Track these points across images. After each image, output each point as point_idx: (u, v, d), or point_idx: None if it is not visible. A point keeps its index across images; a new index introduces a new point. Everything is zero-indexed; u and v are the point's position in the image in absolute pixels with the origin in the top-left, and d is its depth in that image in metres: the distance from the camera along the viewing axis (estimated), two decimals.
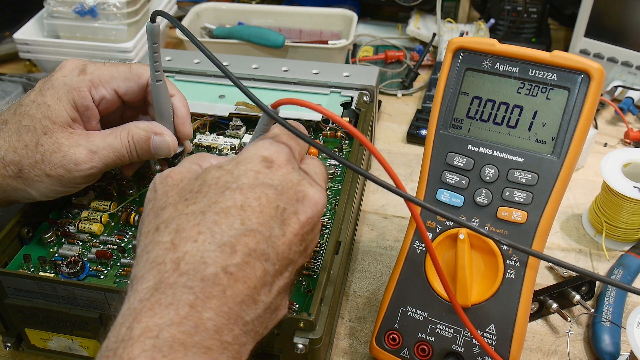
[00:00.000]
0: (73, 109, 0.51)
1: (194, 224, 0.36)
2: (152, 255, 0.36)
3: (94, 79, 0.52)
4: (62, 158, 0.50)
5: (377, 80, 0.71)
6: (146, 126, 0.53)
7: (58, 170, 0.50)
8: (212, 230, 0.36)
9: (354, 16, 0.96)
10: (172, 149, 0.55)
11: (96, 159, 0.51)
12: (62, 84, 0.51)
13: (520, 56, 0.47)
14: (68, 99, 0.50)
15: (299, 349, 0.46)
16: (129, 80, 0.54)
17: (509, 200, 0.48)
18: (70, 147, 0.50)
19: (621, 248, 0.67)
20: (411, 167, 0.80)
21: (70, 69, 0.52)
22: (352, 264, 0.66)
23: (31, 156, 0.49)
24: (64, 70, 0.52)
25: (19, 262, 0.54)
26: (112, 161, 0.52)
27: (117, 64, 0.54)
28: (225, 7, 1.01)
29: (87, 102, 0.51)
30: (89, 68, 0.52)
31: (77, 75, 0.51)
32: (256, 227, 0.37)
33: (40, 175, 0.50)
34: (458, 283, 0.48)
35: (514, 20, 0.98)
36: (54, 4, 0.90)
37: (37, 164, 0.49)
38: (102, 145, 0.51)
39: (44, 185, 0.51)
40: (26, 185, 0.50)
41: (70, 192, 0.54)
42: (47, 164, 0.50)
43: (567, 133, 0.46)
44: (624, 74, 0.89)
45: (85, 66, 0.52)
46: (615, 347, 0.55)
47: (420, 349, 0.51)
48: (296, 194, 0.39)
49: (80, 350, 0.53)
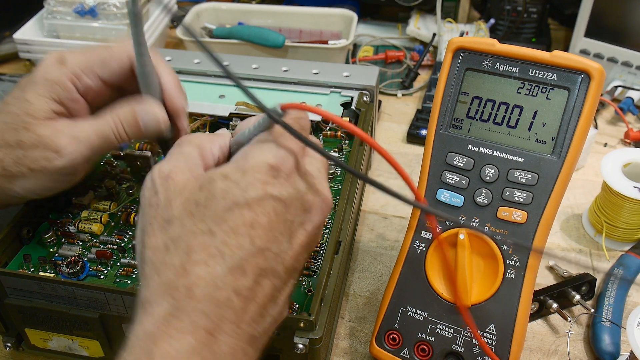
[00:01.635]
0: (57, 102, 0.49)
1: (204, 246, 0.36)
2: (164, 279, 0.36)
3: (74, 69, 0.50)
4: (43, 148, 0.48)
5: (377, 80, 0.71)
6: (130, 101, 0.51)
7: (41, 162, 0.48)
8: (222, 252, 0.36)
9: (354, 16, 0.96)
10: (162, 123, 0.51)
11: (79, 144, 0.49)
12: (42, 80, 0.49)
13: (520, 56, 0.47)
14: (50, 93, 0.49)
15: (299, 349, 0.46)
16: (110, 63, 0.51)
17: (509, 200, 0.48)
18: (51, 136, 0.48)
19: (621, 248, 0.67)
20: (411, 167, 0.80)
21: (50, 62, 0.50)
22: (352, 264, 0.66)
23: (13, 152, 0.48)
24: (43, 65, 0.50)
25: (19, 262, 0.54)
26: (98, 145, 0.50)
27: (96, 48, 0.51)
28: (225, 7, 1.01)
29: (72, 94, 0.50)
30: (67, 58, 0.50)
31: (57, 69, 0.50)
32: (265, 245, 0.37)
33: (23, 171, 0.49)
34: (458, 283, 0.48)
35: (514, 20, 0.98)
36: (54, 4, 0.90)
37: (19, 159, 0.48)
38: (85, 129, 0.49)
39: (29, 181, 0.49)
40: (11, 182, 0.49)
41: (60, 187, 0.52)
42: (29, 158, 0.48)
43: (567, 133, 0.46)
44: (624, 74, 0.89)
45: (63, 57, 0.50)
46: (615, 347, 0.55)
47: (420, 349, 0.51)
48: (303, 205, 0.39)
49: (80, 350, 0.53)
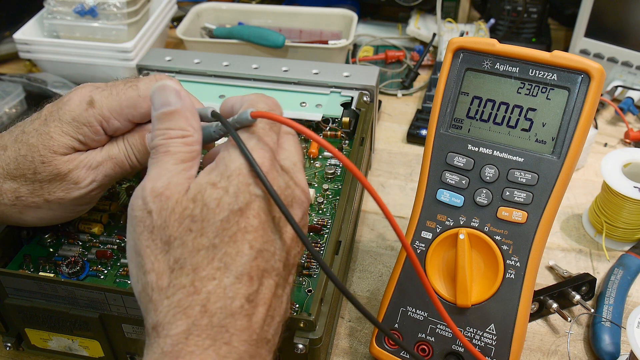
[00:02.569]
0: (80, 142, 0.49)
1: (208, 261, 0.36)
2: (175, 300, 0.36)
3: (104, 112, 0.49)
4: (61, 181, 0.49)
5: (377, 80, 0.71)
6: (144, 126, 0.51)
7: (58, 193, 0.49)
8: (226, 263, 0.36)
9: (354, 16, 0.96)
10: None
11: (95, 172, 0.49)
12: (70, 119, 0.48)
13: (520, 56, 0.47)
14: (77, 134, 0.48)
15: (299, 349, 0.46)
16: (140, 105, 0.49)
17: (509, 200, 0.48)
18: (71, 170, 0.48)
19: (621, 248, 0.67)
20: (411, 167, 0.80)
21: (78, 102, 0.49)
22: (352, 264, 0.66)
23: (29, 184, 0.48)
24: (72, 104, 0.49)
25: (19, 262, 0.54)
26: (112, 172, 0.50)
27: (125, 89, 0.50)
28: (225, 7, 1.01)
29: (99, 136, 0.49)
30: (96, 100, 0.49)
31: (85, 110, 0.48)
32: (262, 246, 0.37)
33: (38, 202, 0.49)
34: (458, 283, 0.48)
35: (514, 20, 0.98)
36: (54, 4, 0.90)
37: (35, 191, 0.49)
38: (100, 158, 0.50)
39: (41, 211, 0.50)
40: (22, 213, 0.50)
41: (72, 217, 0.52)
42: (46, 190, 0.49)
43: (567, 133, 0.46)
44: (624, 74, 0.89)
45: (92, 98, 0.49)
46: (615, 347, 0.55)
47: (420, 349, 0.51)
48: (285, 199, 0.39)
49: (80, 350, 0.53)
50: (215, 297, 0.36)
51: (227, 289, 0.36)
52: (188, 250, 0.37)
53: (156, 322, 0.36)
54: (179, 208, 0.37)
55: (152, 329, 0.36)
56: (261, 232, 0.37)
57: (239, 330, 0.35)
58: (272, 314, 0.38)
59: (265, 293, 0.37)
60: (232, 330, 0.35)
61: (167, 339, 0.35)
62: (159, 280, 0.37)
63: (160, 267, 0.37)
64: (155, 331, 0.36)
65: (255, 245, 0.37)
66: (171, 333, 0.35)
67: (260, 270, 0.37)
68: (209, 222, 0.37)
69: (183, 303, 0.36)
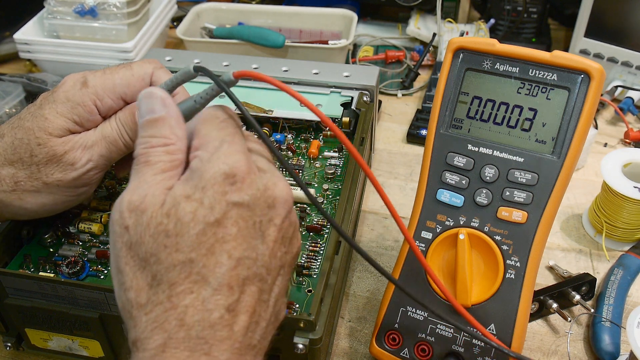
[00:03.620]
0: (75, 123, 0.50)
1: (185, 275, 0.36)
2: (152, 317, 0.36)
3: (98, 91, 0.50)
4: (57, 162, 0.49)
5: (377, 80, 0.71)
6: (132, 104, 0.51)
7: (55, 175, 0.49)
8: (204, 275, 0.36)
9: (354, 16, 0.96)
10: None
11: (89, 152, 0.50)
12: (64, 99, 0.49)
13: (520, 56, 0.47)
14: (71, 114, 0.49)
15: (299, 349, 0.46)
16: (132, 83, 0.51)
17: (509, 200, 0.48)
18: (66, 151, 0.49)
19: (621, 248, 0.67)
20: (411, 167, 0.80)
21: (72, 83, 0.50)
22: (352, 264, 0.66)
23: (26, 168, 0.49)
24: (65, 86, 0.50)
25: (19, 262, 0.54)
26: (107, 151, 0.50)
27: (117, 69, 0.52)
28: (225, 7, 1.01)
29: (93, 115, 0.50)
30: (89, 80, 0.50)
31: (79, 89, 0.50)
32: (242, 254, 0.37)
33: (37, 186, 0.49)
34: (458, 283, 0.48)
35: (514, 20, 0.98)
36: (54, 4, 0.90)
37: (32, 174, 0.49)
38: (94, 138, 0.50)
39: (41, 196, 0.50)
40: (21, 199, 0.50)
41: (74, 201, 0.52)
42: (43, 173, 0.49)
43: (567, 133, 0.46)
44: (624, 74, 0.89)
45: (85, 78, 0.51)
46: (615, 347, 0.55)
47: (420, 349, 0.51)
48: (266, 201, 0.38)
49: (80, 350, 0.53)
50: (193, 310, 0.35)
51: (205, 301, 0.35)
52: (164, 267, 0.36)
53: (135, 338, 0.36)
54: (154, 223, 0.37)
55: (132, 344, 0.36)
56: (240, 240, 0.37)
57: (218, 340, 0.35)
58: (257, 319, 0.37)
59: (247, 301, 0.37)
60: (212, 340, 0.35)
61: (145, 353, 0.35)
62: (138, 297, 0.36)
63: (139, 284, 0.37)
64: (134, 346, 0.36)
65: (235, 254, 0.36)
66: (148, 347, 0.35)
67: (241, 278, 0.36)
68: (183, 237, 0.36)
69: (160, 318, 0.35)
